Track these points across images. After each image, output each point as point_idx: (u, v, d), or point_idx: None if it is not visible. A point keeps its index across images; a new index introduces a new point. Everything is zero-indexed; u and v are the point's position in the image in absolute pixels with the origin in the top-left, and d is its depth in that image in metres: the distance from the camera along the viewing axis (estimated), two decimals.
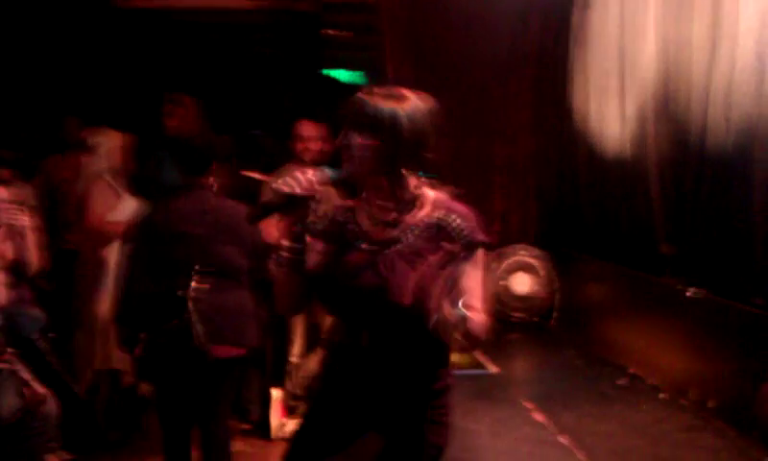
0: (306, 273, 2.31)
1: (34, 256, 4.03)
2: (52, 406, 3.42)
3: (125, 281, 3.67)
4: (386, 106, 2.24)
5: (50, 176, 6.12)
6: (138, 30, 9.53)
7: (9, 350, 2.90)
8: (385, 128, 2.22)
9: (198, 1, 8.68)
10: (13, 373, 2.79)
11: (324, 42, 10.20)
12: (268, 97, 11.89)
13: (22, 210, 3.95)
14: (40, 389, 2.88)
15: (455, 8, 5.43)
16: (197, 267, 3.43)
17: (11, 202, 4.08)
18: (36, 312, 4.35)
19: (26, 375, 2.89)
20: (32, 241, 4.01)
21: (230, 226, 3.54)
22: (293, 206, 2.21)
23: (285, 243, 2.25)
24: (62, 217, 5.35)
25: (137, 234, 3.69)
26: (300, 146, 4.88)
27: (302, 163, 4.85)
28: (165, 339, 3.43)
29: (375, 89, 2.29)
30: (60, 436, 3.56)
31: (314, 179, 2.21)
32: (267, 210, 2.25)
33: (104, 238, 4.61)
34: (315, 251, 2.37)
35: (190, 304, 3.42)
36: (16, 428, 3.30)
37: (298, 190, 2.18)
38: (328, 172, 2.23)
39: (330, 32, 10.07)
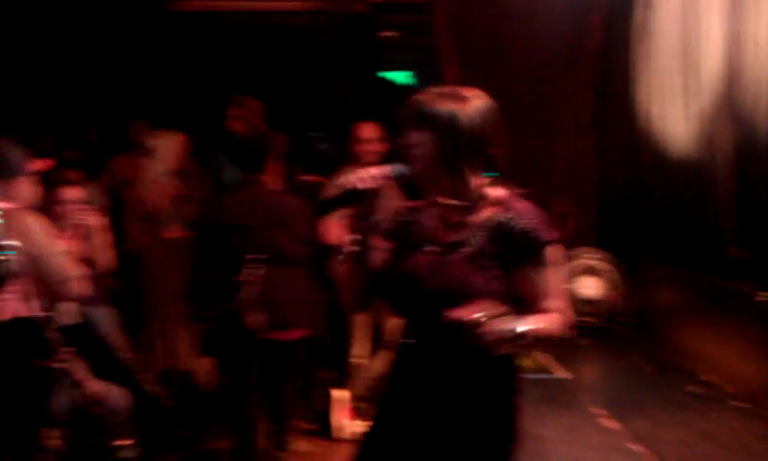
0: (371, 270, 2.31)
1: (103, 256, 4.11)
2: (121, 402, 3.48)
3: (192, 268, 4.12)
4: (444, 105, 2.23)
5: (114, 176, 6.25)
6: (194, 33, 9.67)
7: (65, 349, 2.95)
8: (443, 126, 2.21)
9: (252, 4, 8.75)
10: (66, 373, 2.84)
11: (378, 44, 10.22)
12: (324, 100, 11.96)
13: (91, 211, 4.04)
14: (96, 388, 2.92)
15: (514, 6, 5.40)
16: (249, 255, 3.77)
17: (79, 202, 4.17)
18: (108, 310, 4.44)
19: (81, 374, 2.94)
20: (100, 241, 4.10)
21: (284, 217, 3.92)
22: (357, 200, 2.21)
23: (349, 238, 2.25)
24: (125, 217, 5.46)
25: (201, 227, 4.12)
26: (358, 148, 4.90)
27: (361, 165, 4.88)
28: (220, 321, 3.83)
29: (434, 89, 2.29)
30: (133, 431, 3.63)
31: (378, 175, 2.22)
32: (331, 205, 2.26)
33: (165, 241, 4.68)
34: (381, 250, 2.37)
35: (242, 290, 3.76)
36: (86, 424, 3.37)
37: (361, 185, 2.19)
38: (392, 169, 2.23)
39: (383, 33, 10.08)
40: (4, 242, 2.15)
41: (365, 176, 2.19)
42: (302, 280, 3.99)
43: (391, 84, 12.52)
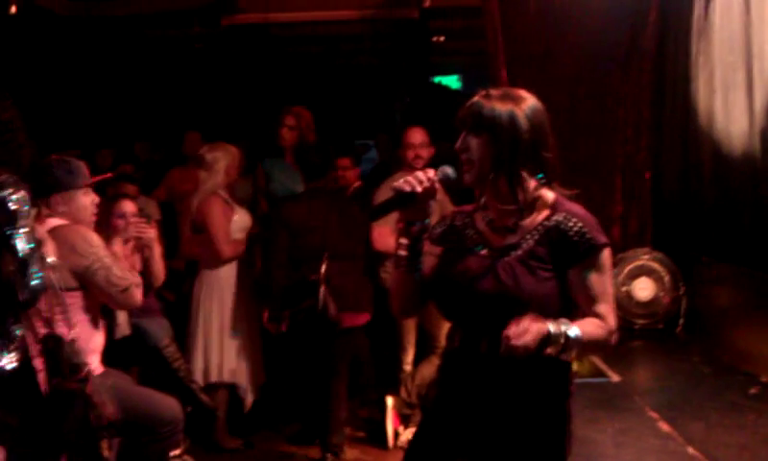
0: (422, 274, 2.31)
1: (160, 268, 4.20)
2: (173, 412, 3.53)
3: (267, 270, 4.70)
4: (503, 107, 2.22)
5: (172, 189, 6.38)
6: (249, 45, 9.82)
7: (87, 369, 2.97)
8: (503, 129, 2.21)
9: (305, 15, 8.84)
10: (81, 394, 2.87)
11: (429, 48, 10.23)
12: (377, 107, 12.02)
13: (148, 224, 4.13)
14: (110, 410, 2.95)
15: (565, 7, 5.34)
16: (326, 254, 4.43)
17: (137, 215, 4.27)
18: (163, 321, 4.54)
19: (100, 397, 2.96)
20: (158, 253, 4.19)
21: (346, 219, 4.65)
22: (412, 204, 2.20)
23: (403, 242, 2.25)
24: (180, 230, 5.57)
25: (274, 231, 4.64)
26: (409, 153, 4.93)
27: (412, 170, 4.89)
28: (304, 315, 4.43)
29: (491, 91, 2.27)
30: (183, 441, 3.68)
31: (430, 178, 2.20)
32: (386, 208, 2.25)
33: (220, 256, 4.76)
34: (432, 255, 2.37)
35: (322, 286, 4.39)
36: (138, 433, 3.43)
37: (418, 189, 2.18)
38: (448, 171, 2.22)
39: (433, 38, 10.10)
40: (39, 260, 2.19)
41: (417, 179, 2.19)
42: (361, 273, 4.74)
43: (444, 88, 12.54)
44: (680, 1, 5.14)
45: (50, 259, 2.99)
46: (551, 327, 2.07)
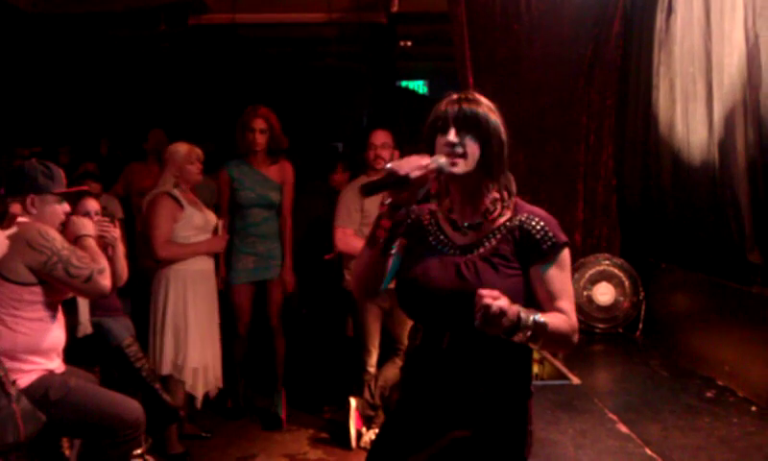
0: (391, 258, 2.33)
1: (123, 268, 4.18)
2: (134, 413, 3.51)
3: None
4: (493, 116, 2.32)
5: (130, 184, 6.32)
6: (213, 44, 9.77)
7: (14, 386, 2.96)
8: (494, 137, 2.29)
9: (273, 16, 8.82)
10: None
11: (396, 53, 10.26)
12: (344, 109, 12.03)
13: (112, 222, 4.11)
14: (21, 427, 2.96)
15: (532, 16, 5.40)
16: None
17: (101, 214, 4.24)
18: (125, 320, 4.51)
19: (19, 408, 2.96)
20: (121, 252, 4.16)
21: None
22: (404, 188, 2.21)
23: (384, 224, 2.26)
24: (137, 228, 5.53)
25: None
26: (371, 153, 4.98)
27: (375, 172, 4.94)
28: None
29: (471, 95, 2.33)
30: (145, 441, 3.67)
31: (426, 166, 2.23)
32: (378, 187, 2.24)
33: (155, 256, 4.74)
34: (398, 246, 2.40)
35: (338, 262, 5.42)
36: (100, 435, 3.40)
37: (413, 174, 2.20)
38: (442, 162, 2.25)
39: (401, 43, 10.14)
40: None
41: (418, 164, 2.21)
42: None
43: (409, 92, 12.60)
44: (643, 13, 5.22)
45: None
46: (521, 311, 2.11)
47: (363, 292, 2.44)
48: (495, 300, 2.05)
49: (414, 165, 2.22)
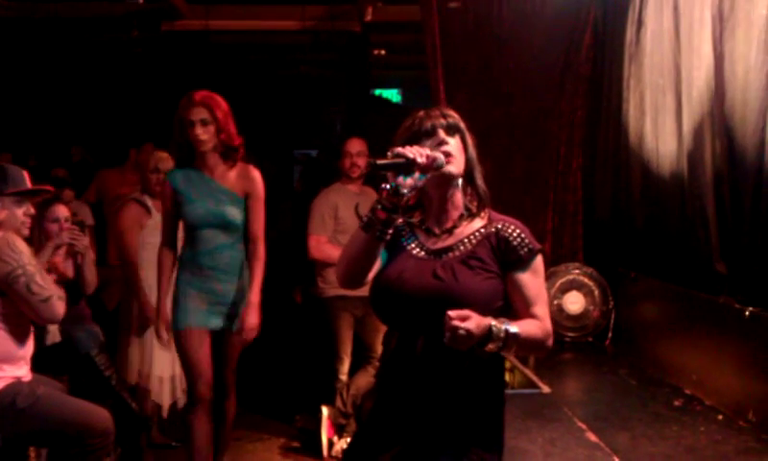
0: (384, 244, 2.32)
1: (92, 275, 4.13)
2: (103, 422, 3.47)
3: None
4: (462, 124, 2.38)
5: (102, 191, 6.27)
6: (186, 51, 9.72)
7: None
8: (468, 141, 2.35)
9: (247, 23, 8.80)
10: None
11: (370, 61, 10.30)
12: (318, 117, 12.02)
13: (82, 230, 4.06)
14: None
15: (504, 26, 5.44)
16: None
17: (71, 221, 4.20)
18: (94, 329, 4.46)
19: None
20: (90, 260, 4.11)
21: None
22: (409, 173, 2.20)
23: (385, 204, 2.23)
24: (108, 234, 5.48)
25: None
26: (346, 162, 4.98)
27: (350, 180, 4.95)
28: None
29: (439, 110, 2.39)
30: (114, 449, 3.63)
31: (432, 156, 2.24)
32: (386, 166, 2.21)
33: (125, 260, 4.69)
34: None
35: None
36: (69, 444, 3.37)
37: (420, 159, 2.20)
38: (439, 156, 2.25)
39: (374, 52, 10.17)
40: None
41: (425, 152, 2.22)
42: None
43: (382, 101, 12.64)
44: (613, 25, 5.29)
45: None
46: (493, 322, 2.12)
47: (348, 278, 2.40)
48: (463, 320, 2.07)
49: (419, 151, 2.23)
